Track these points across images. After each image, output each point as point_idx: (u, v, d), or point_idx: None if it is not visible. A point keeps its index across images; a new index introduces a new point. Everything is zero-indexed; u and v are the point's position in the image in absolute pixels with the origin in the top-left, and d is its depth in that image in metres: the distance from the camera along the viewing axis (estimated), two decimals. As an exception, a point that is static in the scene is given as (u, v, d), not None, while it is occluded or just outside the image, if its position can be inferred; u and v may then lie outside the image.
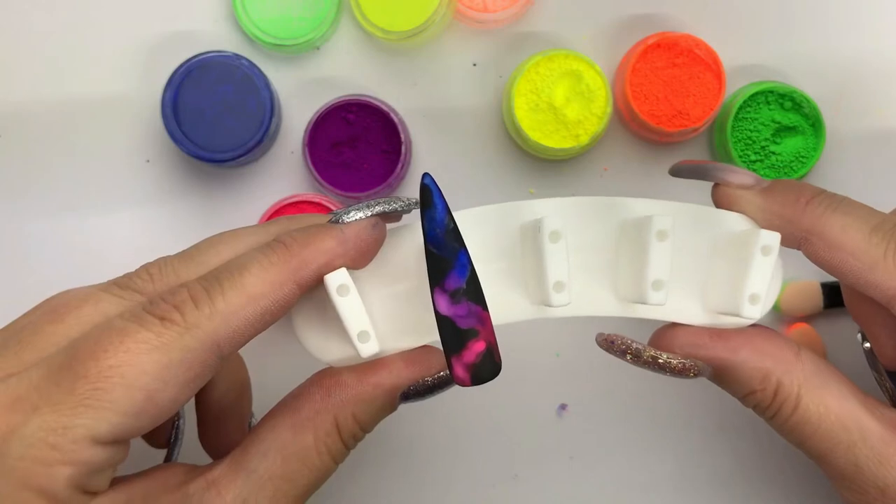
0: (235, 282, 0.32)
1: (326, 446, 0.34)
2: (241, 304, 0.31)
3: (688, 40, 0.47)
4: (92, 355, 0.29)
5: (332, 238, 0.33)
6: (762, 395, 0.36)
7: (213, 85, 0.47)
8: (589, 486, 0.50)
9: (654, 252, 0.34)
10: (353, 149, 0.48)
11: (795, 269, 0.49)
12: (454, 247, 0.32)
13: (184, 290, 0.31)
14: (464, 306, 0.32)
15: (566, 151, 0.47)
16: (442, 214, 0.32)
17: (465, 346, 0.32)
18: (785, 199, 0.36)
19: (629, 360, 0.35)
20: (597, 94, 0.47)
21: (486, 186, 0.50)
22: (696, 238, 0.37)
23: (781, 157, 0.47)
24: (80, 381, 0.29)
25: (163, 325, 0.30)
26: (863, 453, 0.35)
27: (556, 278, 0.34)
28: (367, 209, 0.34)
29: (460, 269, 0.32)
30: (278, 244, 0.33)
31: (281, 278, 0.32)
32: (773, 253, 0.34)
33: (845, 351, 0.49)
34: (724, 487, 0.50)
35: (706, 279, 0.36)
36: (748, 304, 0.34)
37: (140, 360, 0.29)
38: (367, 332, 0.33)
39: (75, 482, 0.29)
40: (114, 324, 0.30)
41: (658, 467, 0.50)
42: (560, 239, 0.34)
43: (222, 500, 0.33)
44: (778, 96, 0.47)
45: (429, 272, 0.32)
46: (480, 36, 0.50)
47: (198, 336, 0.30)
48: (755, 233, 0.35)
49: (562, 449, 0.49)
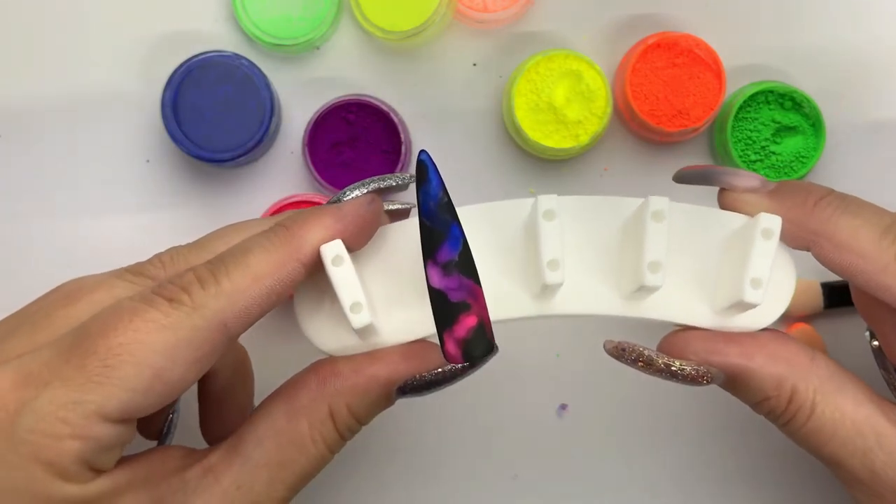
0: (239, 263, 0.32)
1: (321, 435, 0.34)
2: (246, 283, 0.32)
3: (688, 40, 0.47)
4: (102, 333, 0.30)
5: (330, 215, 0.34)
6: (776, 402, 0.36)
7: (213, 85, 0.47)
8: (589, 486, 0.50)
9: (650, 233, 0.34)
10: (353, 149, 0.48)
11: (796, 269, 0.49)
12: (446, 219, 0.32)
13: (190, 272, 0.32)
14: (455, 279, 0.32)
15: (566, 151, 0.47)
16: (436, 188, 0.33)
17: (457, 319, 0.32)
18: (792, 201, 0.36)
19: (640, 367, 0.35)
20: (597, 94, 0.47)
21: (486, 186, 0.50)
22: (701, 238, 0.36)
23: (782, 156, 0.47)
24: (90, 357, 0.30)
25: (171, 305, 0.31)
26: (879, 459, 0.35)
27: (550, 256, 0.34)
28: (363, 186, 0.36)
29: (453, 242, 0.32)
30: (279, 226, 0.34)
31: (283, 257, 0.33)
32: (774, 236, 0.34)
33: (846, 351, 0.49)
34: (724, 487, 0.50)
35: (713, 279, 0.36)
36: (750, 289, 0.34)
37: (149, 339, 0.30)
38: (360, 303, 0.33)
39: (83, 457, 0.30)
40: (123, 304, 0.31)
41: (658, 467, 0.50)
42: (554, 218, 0.34)
43: (219, 485, 0.33)
44: (778, 96, 0.47)
45: (422, 245, 0.32)
46: (480, 36, 0.50)
47: (205, 315, 0.31)
48: (756, 218, 0.35)
49: (562, 449, 0.49)
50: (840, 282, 0.48)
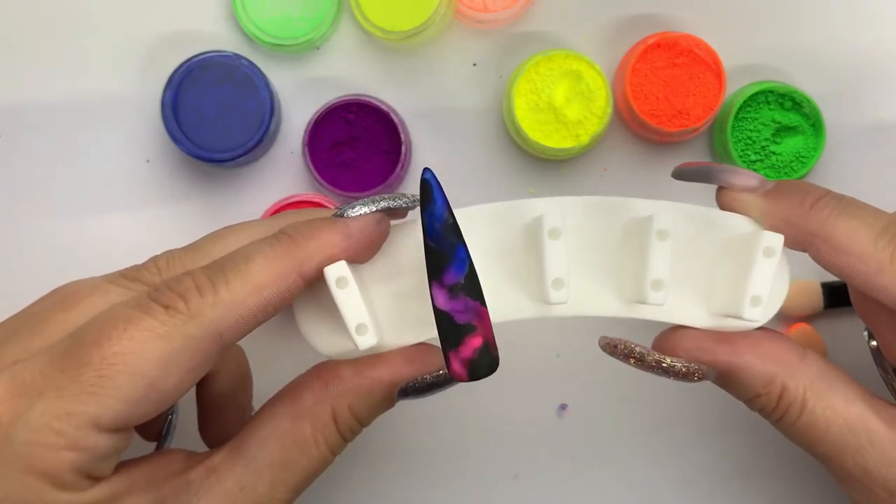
0: (240, 271, 0.32)
1: (324, 437, 0.34)
2: (244, 294, 0.31)
3: (688, 40, 0.47)
4: (96, 342, 0.30)
5: (337, 232, 0.34)
6: (766, 399, 0.36)
7: (213, 85, 0.47)
8: (589, 486, 0.50)
9: (653, 252, 0.34)
10: (353, 149, 0.48)
11: (795, 269, 0.48)
12: (452, 241, 0.32)
13: (188, 278, 0.32)
14: (461, 301, 0.32)
15: (566, 151, 0.47)
16: (441, 209, 0.32)
17: (462, 341, 0.32)
18: (789, 202, 0.36)
19: (633, 363, 0.35)
20: (597, 94, 0.47)
21: (486, 186, 0.50)
22: (700, 240, 0.36)
23: (782, 156, 0.47)
24: (84, 367, 0.29)
25: (167, 313, 0.30)
26: (872, 457, 0.35)
27: (554, 275, 0.34)
28: (373, 204, 0.34)
29: (458, 264, 0.32)
30: (283, 235, 0.33)
31: (285, 270, 0.32)
32: (776, 255, 0.34)
33: (845, 351, 0.49)
34: (724, 487, 0.50)
35: (710, 282, 0.36)
36: (749, 307, 0.34)
37: (143, 348, 0.30)
38: (365, 324, 0.33)
39: (79, 467, 0.30)
40: (118, 311, 0.31)
41: (658, 467, 0.50)
42: (560, 236, 0.34)
43: (222, 486, 0.33)
44: (778, 96, 0.47)
45: (427, 267, 0.32)
46: (480, 36, 0.50)
47: (201, 324, 0.31)
48: (758, 234, 0.35)
49: (562, 449, 0.49)
50: (840, 282, 0.48)
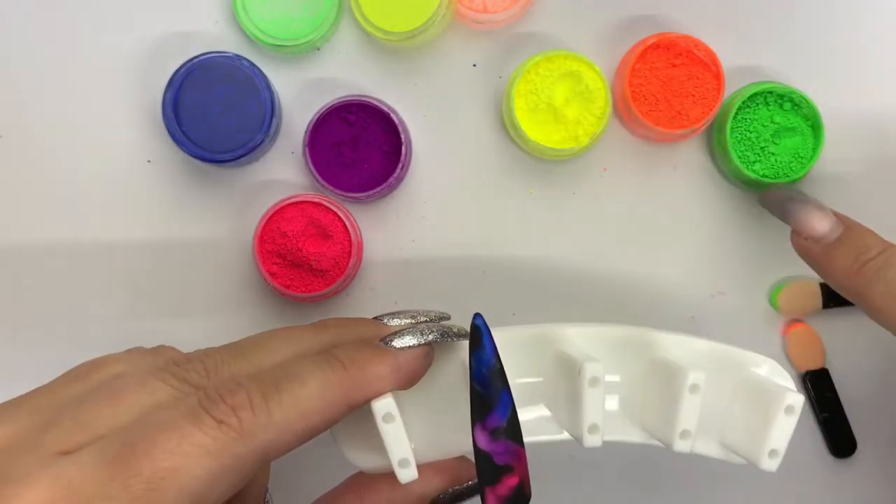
0: (294, 394, 0.32)
1: None
2: (295, 418, 0.32)
3: (687, 41, 0.47)
4: (147, 453, 0.30)
5: (387, 365, 0.34)
6: None
7: (213, 85, 0.47)
8: (589, 486, 0.50)
9: (685, 404, 0.35)
10: (353, 149, 0.48)
11: (795, 269, 0.49)
12: (498, 387, 0.33)
13: (242, 392, 0.31)
14: (502, 444, 0.33)
15: (566, 152, 0.47)
16: (490, 356, 0.33)
17: (500, 479, 0.33)
18: (843, 261, 0.40)
19: None
20: (596, 94, 0.47)
21: (486, 186, 0.50)
22: (719, 377, 0.38)
23: (780, 157, 0.47)
24: (135, 478, 0.29)
25: (219, 428, 0.30)
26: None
27: (591, 421, 0.35)
28: (421, 336, 0.35)
29: (502, 409, 0.33)
30: (336, 362, 0.33)
31: (337, 399, 0.33)
32: (796, 413, 0.35)
33: (845, 351, 0.49)
34: (724, 487, 0.50)
35: (726, 417, 0.38)
36: (768, 458, 0.35)
37: (193, 465, 0.30)
38: (408, 459, 0.34)
39: None
40: (170, 418, 0.30)
41: (658, 467, 0.50)
42: (599, 384, 0.35)
43: None
44: (777, 97, 0.47)
45: (472, 408, 0.33)
46: (480, 36, 0.50)
47: (250, 444, 0.31)
48: (781, 392, 0.35)
49: (562, 449, 0.49)
50: (839, 282, 0.48)
